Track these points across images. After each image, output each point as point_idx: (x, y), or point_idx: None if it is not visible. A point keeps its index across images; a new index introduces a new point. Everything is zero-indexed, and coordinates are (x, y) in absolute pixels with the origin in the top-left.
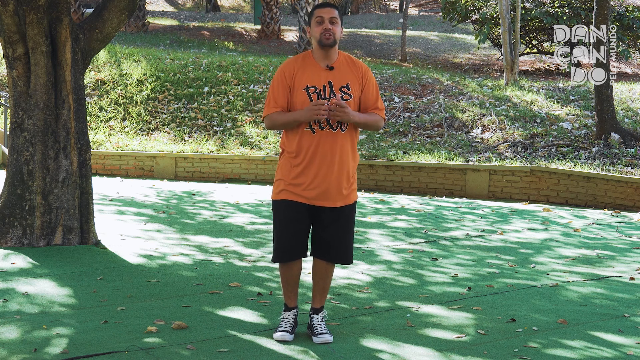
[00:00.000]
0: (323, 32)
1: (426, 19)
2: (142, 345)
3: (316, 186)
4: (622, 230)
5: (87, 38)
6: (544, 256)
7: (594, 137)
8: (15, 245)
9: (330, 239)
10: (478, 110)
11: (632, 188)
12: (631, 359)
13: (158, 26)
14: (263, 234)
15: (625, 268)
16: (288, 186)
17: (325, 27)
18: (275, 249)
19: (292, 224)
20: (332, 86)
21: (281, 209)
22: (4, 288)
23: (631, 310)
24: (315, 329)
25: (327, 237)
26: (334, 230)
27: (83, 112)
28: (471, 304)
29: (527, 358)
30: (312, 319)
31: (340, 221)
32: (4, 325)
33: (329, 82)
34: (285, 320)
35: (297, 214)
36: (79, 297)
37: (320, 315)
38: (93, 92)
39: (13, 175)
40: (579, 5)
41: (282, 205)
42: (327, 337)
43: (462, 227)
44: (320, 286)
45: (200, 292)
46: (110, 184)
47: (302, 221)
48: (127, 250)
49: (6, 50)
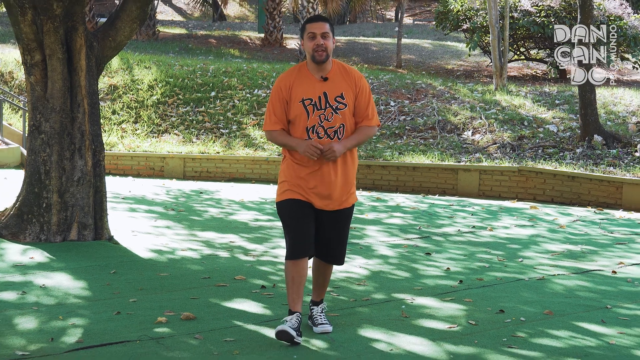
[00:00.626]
0: (315, 47)
1: (420, 28)
2: (152, 335)
3: (319, 192)
4: (605, 227)
5: (101, 46)
6: (531, 251)
7: (578, 139)
8: (33, 240)
9: (328, 241)
10: (469, 113)
11: (614, 187)
12: (613, 348)
13: (168, 34)
14: (267, 230)
15: (608, 262)
16: (292, 186)
17: (317, 43)
18: (290, 246)
19: (301, 220)
20: (327, 97)
21: (288, 208)
22: (23, 281)
23: (613, 302)
24: (316, 319)
25: (326, 238)
26: (332, 232)
27: (97, 115)
28: (462, 296)
29: (515, 347)
30: (312, 310)
31: (339, 223)
32: (23, 315)
33: (324, 93)
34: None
35: (304, 210)
36: (93, 290)
37: (320, 307)
38: (106, 96)
39: (31, 174)
40: (564, 15)
41: (288, 204)
42: (326, 327)
43: (454, 224)
44: (320, 282)
45: (207, 285)
46: (122, 183)
47: (309, 217)
48: (139, 246)
49: (25, 57)
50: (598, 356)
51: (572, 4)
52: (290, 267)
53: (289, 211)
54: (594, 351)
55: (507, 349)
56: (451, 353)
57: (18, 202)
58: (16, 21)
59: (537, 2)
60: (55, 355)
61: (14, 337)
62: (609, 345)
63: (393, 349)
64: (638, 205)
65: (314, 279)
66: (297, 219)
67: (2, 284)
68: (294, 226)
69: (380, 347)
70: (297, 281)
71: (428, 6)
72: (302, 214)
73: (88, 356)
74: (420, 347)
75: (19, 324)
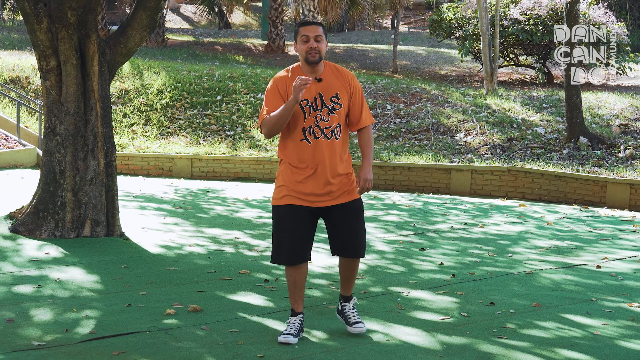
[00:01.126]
0: (309, 50)
1: (415, 35)
2: (161, 326)
3: (319, 189)
4: (590, 224)
5: (113, 52)
6: (520, 247)
7: (565, 140)
8: (49, 237)
9: (343, 236)
10: (461, 116)
11: (599, 186)
12: (598, 339)
13: (176, 41)
14: (269, 227)
15: (593, 257)
16: (291, 192)
17: (310, 46)
18: (277, 251)
19: (298, 227)
20: (323, 97)
21: (285, 213)
22: (39, 275)
23: (598, 295)
24: (349, 317)
25: (340, 234)
26: (344, 227)
27: (109, 118)
28: (455, 290)
29: (505, 337)
30: (345, 307)
31: (350, 217)
32: (39, 308)
33: (319, 94)
34: (291, 324)
35: (303, 216)
36: (105, 283)
37: (352, 303)
38: (118, 100)
39: (47, 174)
40: (551, 23)
41: (285, 209)
42: (361, 327)
43: (447, 221)
44: (347, 277)
45: (213, 279)
46: (133, 182)
47: (307, 223)
48: (149, 242)
49: (40, 63)
50: (583, 346)
51: (558, 12)
52: (292, 272)
53: (286, 217)
54: (579, 341)
55: (498, 339)
56: (444, 343)
57: (34, 200)
58: (33, 29)
59: (525, 11)
60: (69, 345)
61: (30, 328)
62: (594, 336)
63: (389, 339)
64: (621, 203)
65: (341, 275)
66: (296, 225)
67: (19, 278)
68: (293, 231)
69: (377, 338)
70: (299, 284)
71: (422, 15)
72: (301, 220)
73: (101, 346)
74: (415, 338)
75: (35, 315)
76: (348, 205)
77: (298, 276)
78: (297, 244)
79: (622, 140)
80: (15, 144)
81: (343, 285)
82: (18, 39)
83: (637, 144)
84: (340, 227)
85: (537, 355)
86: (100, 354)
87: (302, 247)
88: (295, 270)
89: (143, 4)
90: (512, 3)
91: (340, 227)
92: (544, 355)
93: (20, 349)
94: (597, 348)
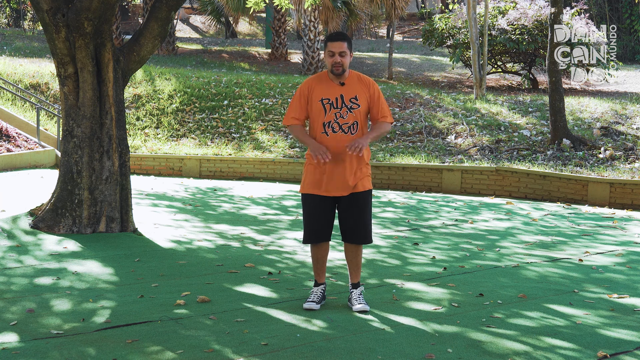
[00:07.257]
0: (334, 64)
1: (409, 44)
2: (172, 316)
3: (334, 180)
4: (573, 220)
5: (127, 60)
6: (508, 241)
7: (549, 142)
8: (67, 232)
9: (350, 223)
10: (452, 120)
11: (581, 185)
12: (580, 327)
13: (185, 50)
14: (273, 223)
15: (575, 251)
16: (312, 183)
17: (335, 61)
18: (311, 232)
19: (317, 212)
20: (344, 98)
21: (308, 201)
22: (58, 268)
23: (580, 287)
24: (355, 300)
25: (347, 221)
26: (351, 215)
27: (123, 121)
28: (446, 282)
29: (493, 326)
30: (352, 292)
31: (357, 206)
32: (58, 298)
33: (341, 95)
34: (314, 293)
35: (321, 204)
36: (120, 276)
37: (359, 290)
38: (131, 104)
39: (64, 174)
40: (537, 33)
41: (308, 198)
42: (364, 306)
43: (439, 218)
44: (353, 264)
45: (220, 272)
46: (145, 181)
47: (325, 210)
48: (160, 237)
49: (59, 69)
50: (566, 334)
51: (543, 22)
52: (314, 249)
53: (309, 203)
54: (562, 330)
55: (486, 328)
56: (436, 331)
57: (53, 198)
58: (51, 38)
59: (512, 21)
60: (86, 334)
61: (50, 317)
62: (576, 325)
63: (385, 327)
64: (602, 201)
65: (347, 262)
66: (313, 212)
67: (39, 271)
68: (314, 216)
69: (374, 326)
70: (320, 260)
71: (416, 25)
72: (320, 207)
73: (115, 335)
74: (409, 327)
75: (54, 305)
76: (358, 195)
77: (319, 253)
78: (318, 226)
79: (602, 142)
80: (36, 145)
81: (351, 273)
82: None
83: (617, 145)
84: (347, 215)
85: (523, 342)
86: (114, 342)
87: (322, 229)
88: (317, 248)
89: (155, 15)
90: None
91: (347, 215)
92: (529, 343)
93: (40, 337)
94: (579, 336)
